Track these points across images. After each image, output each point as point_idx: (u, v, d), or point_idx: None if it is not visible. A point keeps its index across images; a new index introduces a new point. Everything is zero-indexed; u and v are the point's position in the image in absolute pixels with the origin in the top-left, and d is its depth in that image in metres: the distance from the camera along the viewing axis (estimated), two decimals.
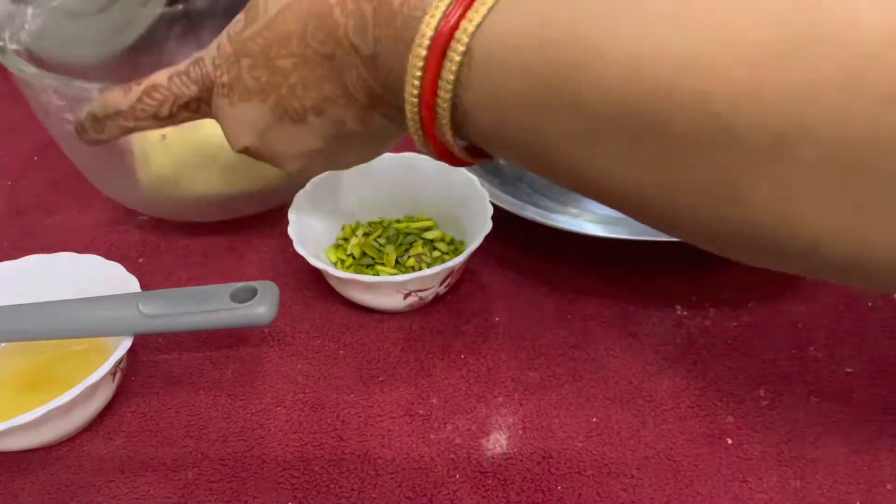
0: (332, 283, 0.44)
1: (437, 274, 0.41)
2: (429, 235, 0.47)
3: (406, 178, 0.49)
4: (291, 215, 0.45)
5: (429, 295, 0.43)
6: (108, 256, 0.43)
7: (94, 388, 0.36)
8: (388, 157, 0.48)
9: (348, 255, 0.46)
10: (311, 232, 0.46)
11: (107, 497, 0.35)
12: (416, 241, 0.47)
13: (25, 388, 0.39)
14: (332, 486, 0.35)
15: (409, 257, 0.46)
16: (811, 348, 0.41)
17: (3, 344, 0.41)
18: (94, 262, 0.42)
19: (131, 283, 0.41)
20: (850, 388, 0.39)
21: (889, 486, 0.34)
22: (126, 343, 0.37)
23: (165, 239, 0.51)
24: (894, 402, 0.38)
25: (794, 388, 0.39)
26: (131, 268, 0.42)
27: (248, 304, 0.37)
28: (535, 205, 0.47)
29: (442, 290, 0.44)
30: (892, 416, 0.37)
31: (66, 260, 0.43)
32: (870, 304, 0.44)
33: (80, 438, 0.38)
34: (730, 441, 0.37)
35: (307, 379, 0.41)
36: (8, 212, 0.55)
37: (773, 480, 0.35)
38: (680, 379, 0.40)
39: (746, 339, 0.42)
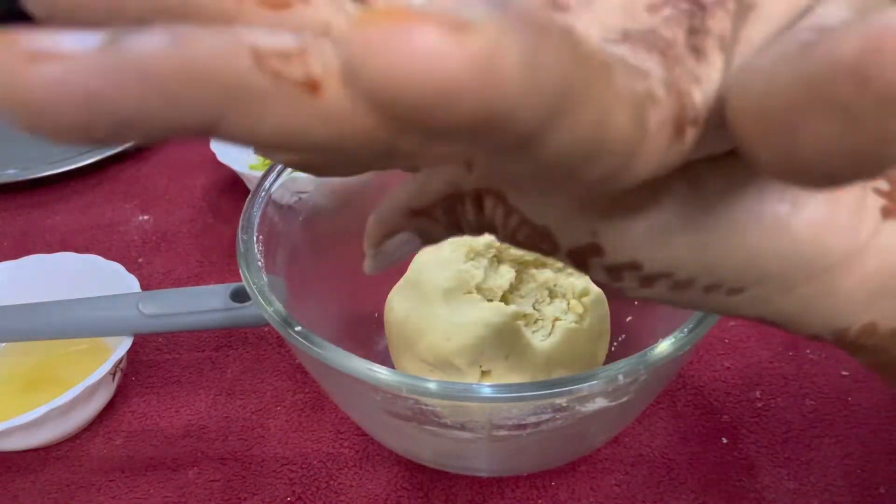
0: None
1: None
2: None
3: None
4: None
5: None
6: (108, 256, 0.43)
7: (94, 388, 0.36)
8: None
9: None
10: None
11: (107, 497, 0.36)
12: None
13: (25, 388, 0.39)
14: (330, 482, 0.36)
15: None
16: (807, 350, 0.41)
17: (3, 344, 0.41)
18: (94, 262, 0.43)
19: (131, 283, 0.41)
20: (846, 391, 0.39)
21: (882, 490, 0.35)
22: (126, 343, 0.38)
23: (165, 239, 0.52)
24: (889, 404, 0.38)
25: (789, 389, 0.39)
26: (131, 268, 0.42)
27: (248, 304, 0.37)
28: None
29: None
30: (886, 420, 0.38)
31: (66, 260, 0.43)
32: None
33: (80, 438, 0.38)
34: (725, 440, 0.37)
35: (307, 378, 0.41)
36: (9, 211, 0.55)
37: (767, 481, 0.35)
38: (676, 377, 0.40)
39: (743, 339, 0.42)
